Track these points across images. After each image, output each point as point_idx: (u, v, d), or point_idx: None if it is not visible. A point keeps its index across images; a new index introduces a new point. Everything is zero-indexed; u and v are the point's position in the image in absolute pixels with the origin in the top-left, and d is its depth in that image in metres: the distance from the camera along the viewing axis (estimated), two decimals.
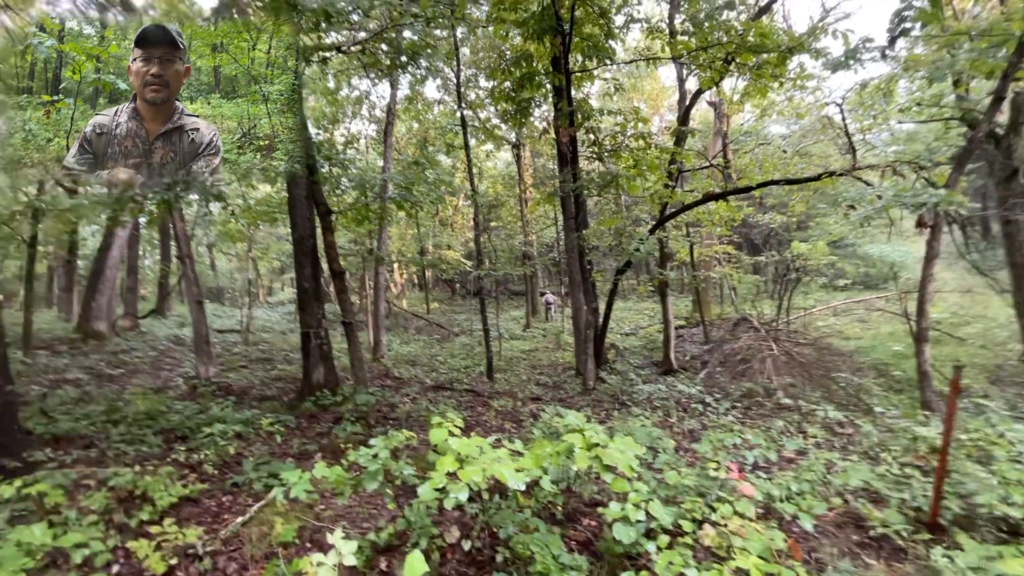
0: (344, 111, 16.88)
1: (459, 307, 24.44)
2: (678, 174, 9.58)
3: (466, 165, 17.82)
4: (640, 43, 14.65)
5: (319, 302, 7.32)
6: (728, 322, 13.86)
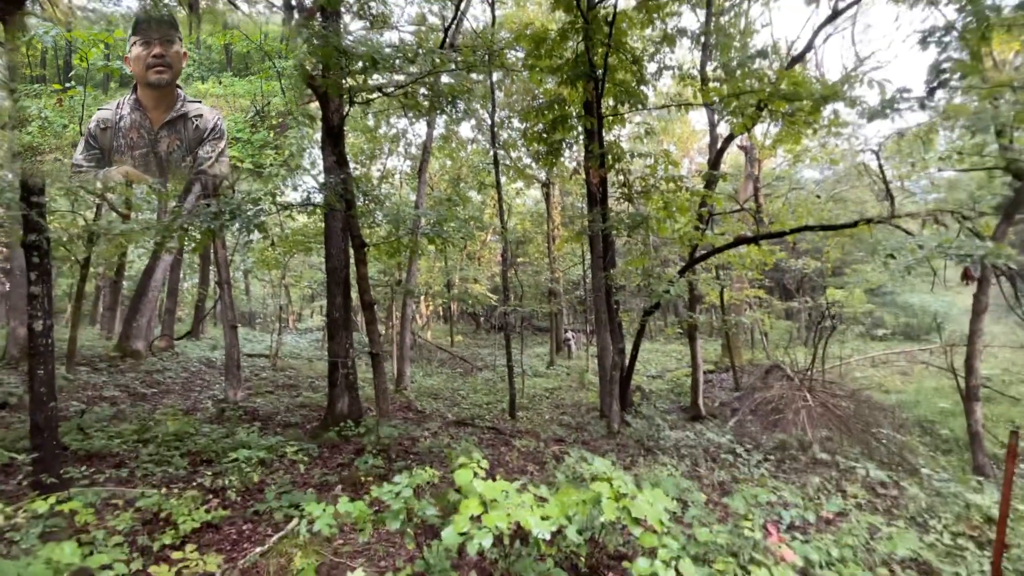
0: (381, 147, 17.60)
1: (483, 341, 24.42)
2: (709, 217, 9.54)
3: (496, 202, 18.18)
4: (671, 88, 14.96)
5: (348, 332, 7.44)
6: (759, 368, 13.41)
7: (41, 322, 4.50)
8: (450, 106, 5.66)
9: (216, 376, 11.95)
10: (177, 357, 14.32)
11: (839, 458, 6.84)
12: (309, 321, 30.46)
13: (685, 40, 10.34)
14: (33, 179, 4.43)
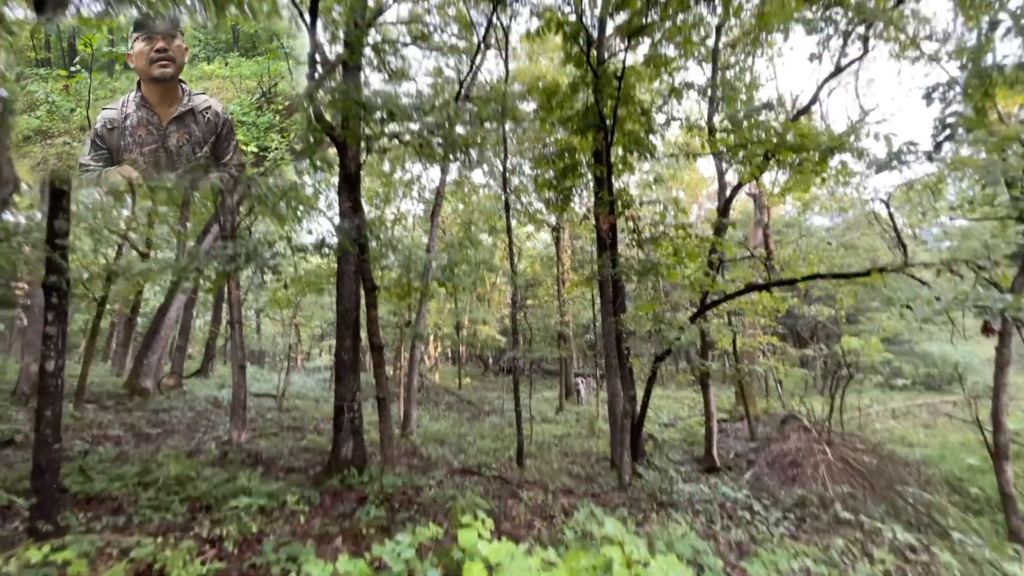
0: (396, 191, 18.07)
1: (491, 384, 24.10)
2: (719, 263, 9.53)
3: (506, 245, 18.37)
4: (680, 137, 15.33)
5: (355, 375, 7.40)
6: (775, 418, 13.01)
7: (53, 362, 4.53)
8: (463, 155, 5.82)
9: (222, 416, 11.85)
10: (185, 396, 14.29)
11: (863, 517, 6.49)
12: (318, 360, 30.41)
13: (692, 92, 10.70)
14: (58, 223, 4.58)
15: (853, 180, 9.51)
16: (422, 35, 9.45)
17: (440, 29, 13.31)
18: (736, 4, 8.50)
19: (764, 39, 10.73)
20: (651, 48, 9.29)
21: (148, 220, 15.39)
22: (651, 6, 8.07)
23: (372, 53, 9.67)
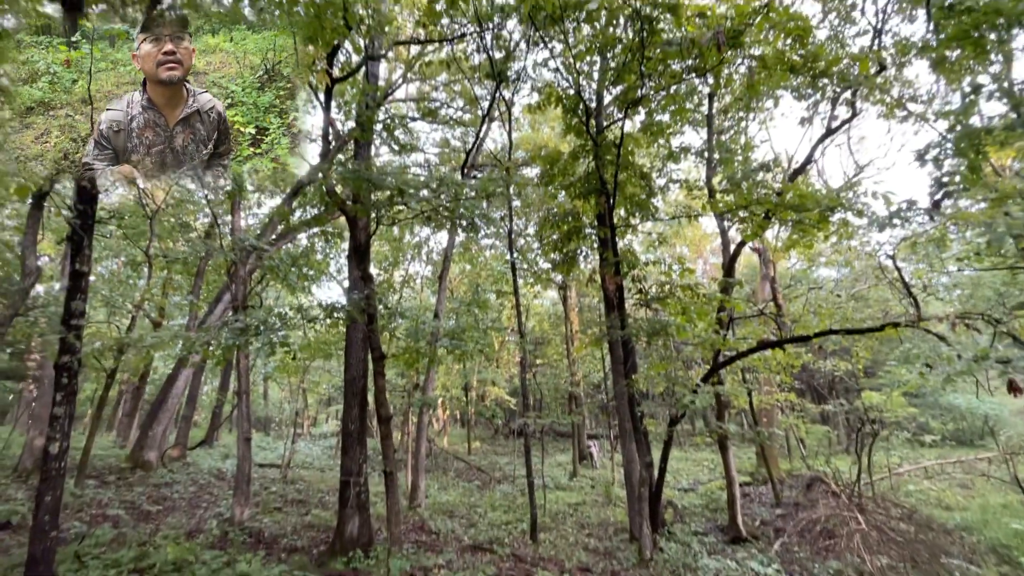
0: (404, 254, 18.43)
1: (501, 447, 23.35)
2: (729, 321, 9.46)
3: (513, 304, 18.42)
4: (681, 197, 15.71)
5: (362, 447, 7.21)
6: (800, 481, 12.39)
7: (58, 444, 4.48)
8: (470, 225, 5.98)
9: (225, 490, 11.48)
10: (188, 468, 13.93)
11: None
12: (324, 426, 29.80)
13: (690, 155, 11.08)
14: (75, 303, 4.68)
15: (856, 236, 9.58)
16: (430, 112, 9.98)
17: (446, 104, 14.12)
18: (726, 76, 8.98)
19: (755, 104, 11.23)
20: (647, 116, 9.74)
21: (163, 289, 15.71)
22: (646, 78, 8.53)
23: (382, 128, 10.23)
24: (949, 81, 8.54)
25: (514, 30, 10.32)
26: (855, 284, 17.98)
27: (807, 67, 7.89)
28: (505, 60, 9.74)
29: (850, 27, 10.08)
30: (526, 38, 10.04)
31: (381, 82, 10.19)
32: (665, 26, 7.83)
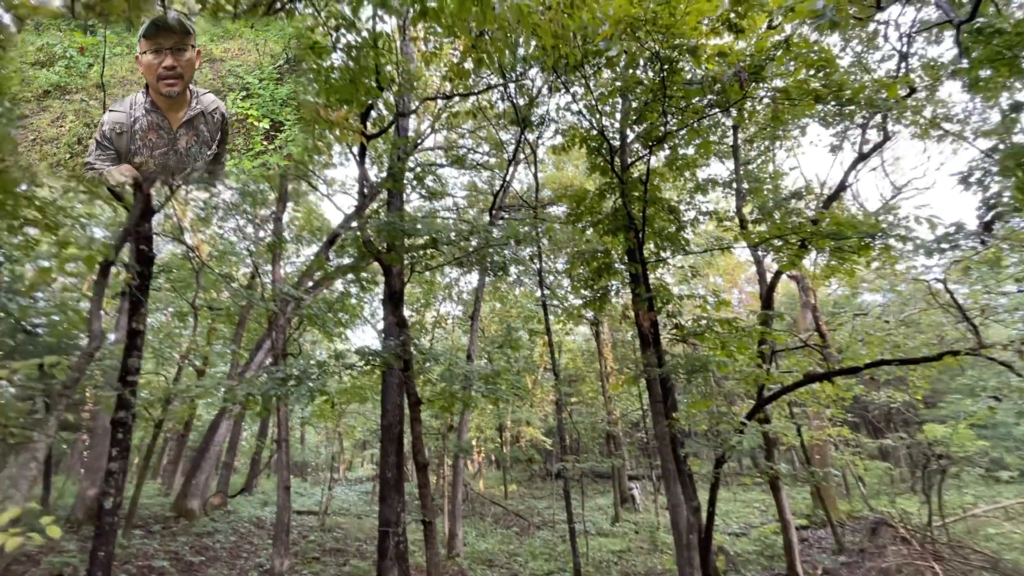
0: (435, 295, 18.71)
1: (539, 489, 22.67)
2: (771, 354, 9.11)
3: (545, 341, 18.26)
4: (712, 228, 15.55)
5: (400, 495, 7.14)
6: (862, 523, 11.51)
7: (112, 499, 4.61)
8: (500, 269, 6.06)
9: (264, 539, 11.49)
10: (229, 516, 14.05)
11: None
12: (360, 470, 29.72)
13: (718, 186, 11.04)
14: (132, 360, 4.92)
15: (902, 259, 9.21)
16: (458, 159, 10.33)
17: (472, 150, 14.61)
18: (749, 108, 9.00)
19: (781, 133, 11.18)
20: (671, 151, 9.81)
21: (207, 338, 16.35)
22: (668, 115, 8.63)
23: (413, 178, 10.64)
24: (985, 99, 8.34)
25: (536, 77, 10.73)
26: (904, 309, 17.13)
27: (833, 95, 7.85)
28: (528, 106, 10.08)
29: (874, 52, 10.03)
30: (548, 84, 10.39)
31: (410, 133, 10.68)
32: (685, 65, 7.98)
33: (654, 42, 6.57)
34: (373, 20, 5.73)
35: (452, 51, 10.02)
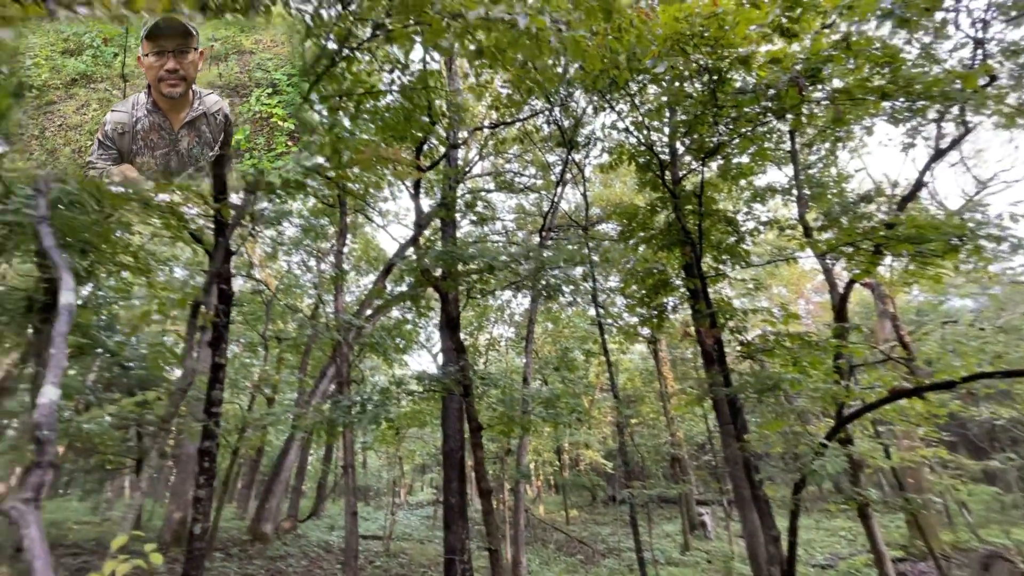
0: (488, 318, 18.89)
1: (601, 515, 21.95)
2: (850, 369, 8.48)
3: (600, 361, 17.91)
4: (773, 237, 14.86)
5: (464, 521, 7.14)
6: (971, 558, 10.29)
7: (200, 525, 4.88)
8: (553, 291, 6.04)
9: (333, 564, 11.78)
10: (299, 540, 14.53)
11: None
12: (420, 494, 30.02)
13: (777, 194, 10.57)
14: (215, 392, 5.25)
15: (997, 260, 8.37)
16: (506, 184, 10.51)
17: (519, 173, 14.83)
18: (807, 112, 8.62)
19: (844, 135, 10.60)
20: (725, 161, 9.53)
21: (276, 367, 17.25)
22: (720, 125, 8.41)
23: (463, 205, 10.92)
24: None
25: (579, 97, 10.80)
26: (1000, 314, 15.53)
27: (902, 91, 7.38)
28: (574, 128, 10.14)
29: (943, 42, 9.38)
30: (593, 105, 10.43)
31: (458, 162, 11.00)
32: (735, 75, 7.79)
33: (702, 55, 6.46)
34: (424, 61, 6.00)
35: (499, 83, 10.31)
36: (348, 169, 6.08)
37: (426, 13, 2.66)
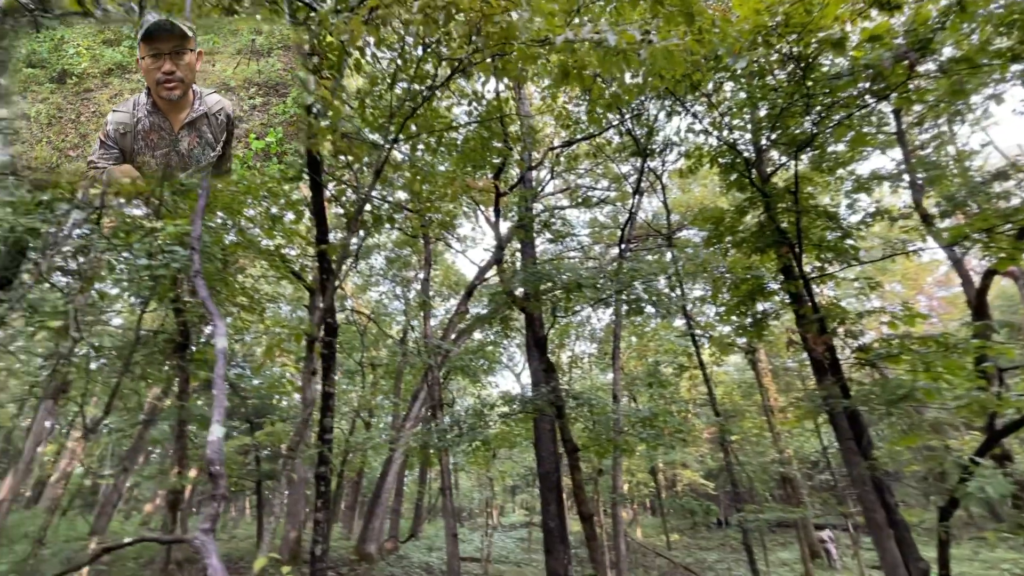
0: (569, 335, 18.68)
1: (705, 539, 20.54)
2: (998, 374, 7.33)
3: (689, 375, 16.96)
4: (876, 228, 13.42)
5: (565, 546, 6.97)
6: None
7: (320, 547, 5.18)
8: (642, 306, 5.83)
9: None
10: (401, 561, 15.00)
11: None
12: (512, 516, 29.95)
13: (884, 181, 9.56)
14: (327, 420, 5.61)
15: None
16: (584, 201, 10.45)
17: (591, 187, 14.71)
18: (916, 88, 7.76)
19: (963, 106, 9.42)
20: (819, 151, 8.82)
21: (372, 392, 18.22)
22: (809, 112, 7.80)
23: (540, 224, 10.99)
24: None
25: (649, 105, 10.55)
26: None
27: None
28: (648, 136, 9.91)
29: None
30: (666, 109, 10.14)
31: (532, 183, 11.13)
32: (824, 61, 7.23)
33: (788, 44, 6.07)
34: (497, 91, 6.18)
35: (563, 99, 10.37)
36: (433, 201, 6.36)
37: (511, 45, 2.72)
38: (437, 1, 2.60)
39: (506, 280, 6.27)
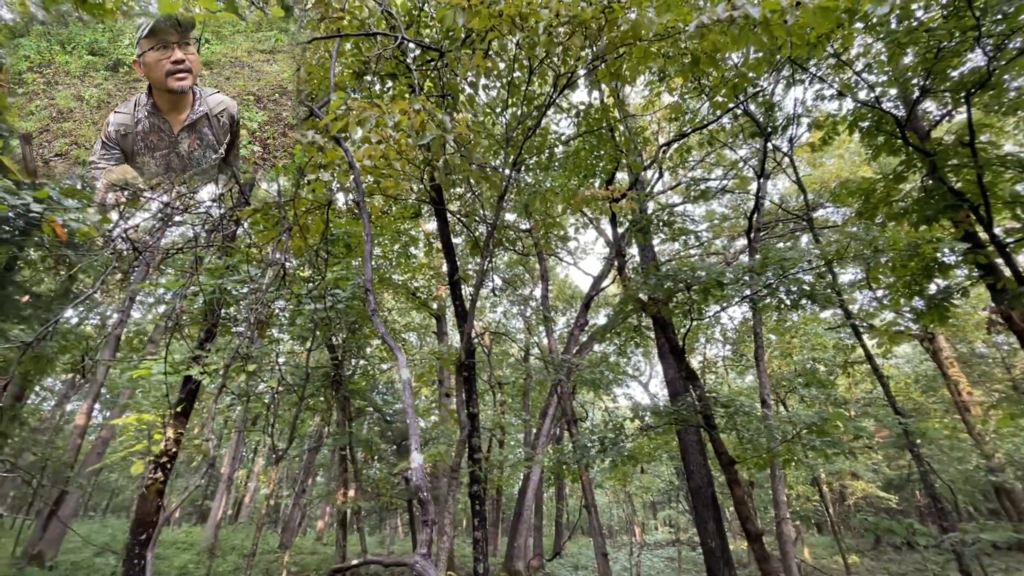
0: (697, 337, 17.47)
1: (894, 562, 17.54)
2: None
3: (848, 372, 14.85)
4: None
5: (730, 568, 6.38)
6: None
7: (482, 565, 5.31)
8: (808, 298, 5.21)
9: None
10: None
11: None
12: (655, 533, 28.49)
13: None
14: (475, 440, 5.81)
15: None
16: (702, 194, 9.84)
17: (704, 179, 13.79)
18: None
19: None
20: (996, 91, 7.33)
21: (501, 411, 18.73)
22: (978, 47, 6.51)
23: (658, 224, 10.51)
24: None
25: (762, 80, 9.65)
26: None
27: None
28: (767, 113, 9.07)
29: None
30: (785, 80, 9.20)
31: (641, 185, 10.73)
32: None
33: None
34: (602, 98, 6.08)
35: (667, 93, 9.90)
36: (549, 217, 6.39)
37: (629, 48, 2.63)
38: (560, 18, 2.62)
39: (635, 286, 6.03)
